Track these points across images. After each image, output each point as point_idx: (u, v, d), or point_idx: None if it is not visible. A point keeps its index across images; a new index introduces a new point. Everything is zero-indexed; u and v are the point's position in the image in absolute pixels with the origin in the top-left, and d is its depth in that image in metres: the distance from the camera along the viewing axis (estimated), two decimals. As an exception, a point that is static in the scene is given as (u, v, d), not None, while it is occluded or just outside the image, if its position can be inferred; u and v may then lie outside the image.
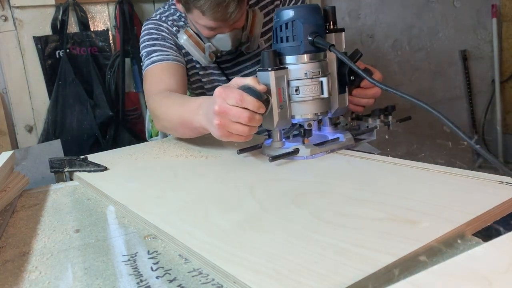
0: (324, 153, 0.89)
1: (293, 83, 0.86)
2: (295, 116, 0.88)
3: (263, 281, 0.44)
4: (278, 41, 0.87)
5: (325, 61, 0.89)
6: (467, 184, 0.65)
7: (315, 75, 0.85)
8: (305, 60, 0.85)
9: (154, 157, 1.03)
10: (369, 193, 0.66)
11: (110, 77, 2.01)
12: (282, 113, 0.85)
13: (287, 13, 0.86)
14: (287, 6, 1.28)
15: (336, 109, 0.95)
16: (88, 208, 0.77)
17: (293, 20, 0.85)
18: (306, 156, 0.87)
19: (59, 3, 1.91)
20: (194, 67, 1.28)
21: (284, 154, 0.86)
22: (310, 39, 0.84)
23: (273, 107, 0.84)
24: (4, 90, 1.88)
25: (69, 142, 1.90)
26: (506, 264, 0.38)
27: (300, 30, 0.84)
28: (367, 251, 0.48)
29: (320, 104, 0.88)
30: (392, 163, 0.78)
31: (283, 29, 0.86)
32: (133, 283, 0.50)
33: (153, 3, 2.12)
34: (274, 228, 0.57)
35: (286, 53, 0.86)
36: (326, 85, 0.86)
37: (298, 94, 0.86)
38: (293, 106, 0.87)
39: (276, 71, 0.83)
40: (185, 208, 0.68)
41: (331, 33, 0.92)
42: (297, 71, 0.85)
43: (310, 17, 0.85)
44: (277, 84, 0.84)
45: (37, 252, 0.61)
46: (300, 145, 0.88)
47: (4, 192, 0.82)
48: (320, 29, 0.86)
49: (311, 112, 0.87)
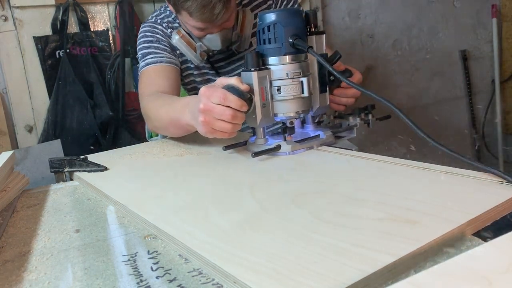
0: (305, 149, 0.94)
1: (275, 83, 0.91)
2: (278, 114, 0.93)
3: (263, 281, 0.45)
4: (261, 43, 0.92)
5: (306, 62, 0.94)
6: (467, 184, 0.65)
7: (296, 75, 0.90)
8: (286, 61, 0.91)
9: (154, 157, 1.03)
10: (369, 193, 0.66)
11: (110, 77, 2.01)
12: (264, 111, 0.90)
13: (270, 17, 0.91)
14: (279, 6, 1.32)
15: (318, 107, 0.99)
16: (88, 208, 0.77)
17: (275, 23, 0.90)
18: (288, 152, 0.91)
19: (59, 3, 1.91)
20: (189, 67, 1.31)
21: (266, 150, 0.90)
22: (290, 41, 0.89)
23: (256, 106, 0.89)
24: (4, 90, 1.88)
25: (69, 142, 1.90)
26: (506, 264, 0.38)
27: (281, 33, 0.90)
28: (367, 251, 0.48)
29: (301, 103, 0.93)
30: (392, 163, 0.78)
31: (265, 31, 0.91)
32: (133, 283, 0.50)
33: (153, 3, 2.11)
34: (274, 228, 0.57)
35: (269, 55, 0.91)
36: (306, 85, 0.91)
37: (280, 93, 0.91)
38: (275, 105, 0.92)
39: (259, 71, 0.89)
40: (185, 208, 0.68)
41: (312, 36, 0.96)
42: (279, 72, 0.91)
43: (291, 21, 0.90)
44: (260, 84, 0.89)
45: (37, 252, 0.61)
46: (282, 142, 0.92)
47: (4, 192, 0.82)
48: (301, 32, 0.91)
49: (292, 110, 0.92)
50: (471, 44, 3.04)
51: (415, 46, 2.87)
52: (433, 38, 2.92)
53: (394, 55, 2.81)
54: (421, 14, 2.86)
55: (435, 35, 2.92)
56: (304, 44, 0.89)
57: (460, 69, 3.04)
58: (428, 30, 2.90)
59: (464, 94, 3.09)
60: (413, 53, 2.88)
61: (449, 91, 3.04)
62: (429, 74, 2.94)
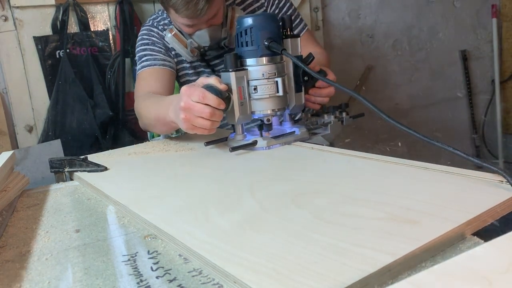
0: (280, 144, 1.00)
1: (252, 83, 0.98)
2: (255, 112, 1.00)
3: (263, 281, 0.45)
4: (239, 45, 1.00)
5: (282, 63, 1.00)
6: (467, 184, 0.65)
7: (271, 75, 0.98)
8: (262, 63, 0.98)
9: (154, 157, 1.03)
10: (369, 192, 0.66)
11: (110, 77, 2.01)
12: (242, 109, 0.97)
13: (247, 21, 0.98)
14: (271, 6, 1.37)
15: (293, 106, 1.06)
16: (88, 208, 0.77)
17: (251, 27, 0.97)
18: (264, 147, 0.98)
19: (59, 3, 1.91)
20: (185, 67, 1.37)
21: (243, 145, 0.97)
22: (266, 44, 0.96)
23: (234, 104, 0.96)
24: (4, 90, 1.88)
25: (69, 142, 1.90)
26: (506, 264, 0.38)
27: (257, 36, 0.97)
28: (367, 250, 0.48)
29: (277, 101, 1.00)
30: (392, 163, 0.78)
31: (243, 35, 0.98)
32: (133, 283, 0.50)
33: (153, 3, 2.11)
34: (274, 228, 0.57)
35: (246, 56, 0.98)
36: (281, 84, 0.98)
37: (256, 92, 0.98)
38: (252, 103, 0.99)
39: (236, 72, 0.95)
40: (185, 208, 0.68)
41: (288, 39, 1.02)
42: (256, 72, 0.97)
43: (267, 25, 0.97)
44: (238, 84, 0.96)
45: (37, 252, 0.61)
46: (258, 138, 0.99)
47: (4, 192, 0.82)
48: (276, 35, 0.98)
49: (269, 108, 0.99)
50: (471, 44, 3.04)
51: (415, 46, 2.87)
52: (433, 38, 2.92)
53: (394, 55, 2.81)
54: (421, 14, 2.86)
55: (435, 35, 2.92)
56: (278, 47, 0.96)
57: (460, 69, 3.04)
58: (428, 30, 2.90)
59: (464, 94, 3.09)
60: (413, 53, 2.88)
61: (449, 91, 3.04)
62: (429, 74, 2.94)
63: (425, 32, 2.89)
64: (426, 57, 2.92)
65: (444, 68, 2.99)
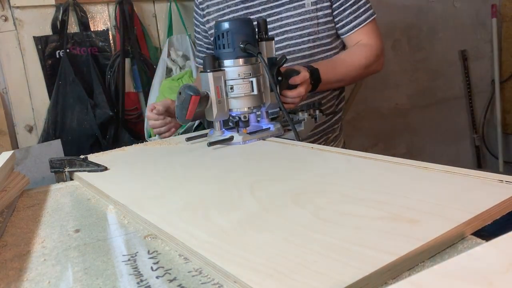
0: (256, 139, 1.07)
1: (229, 82, 1.05)
2: (232, 109, 1.07)
3: (264, 280, 0.44)
4: (217, 47, 1.06)
5: (257, 64, 1.07)
6: (467, 183, 0.65)
7: (246, 76, 1.05)
8: (238, 64, 1.05)
9: (154, 157, 1.03)
10: (369, 192, 0.66)
11: (110, 77, 2.01)
12: (220, 107, 1.04)
13: (224, 25, 1.05)
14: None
15: (269, 104, 1.13)
16: (88, 208, 0.77)
17: (228, 31, 1.04)
18: (240, 142, 1.05)
19: (59, 3, 1.91)
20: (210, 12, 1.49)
21: (220, 141, 1.03)
22: (241, 46, 1.03)
23: (213, 102, 1.03)
24: (4, 90, 1.88)
25: (69, 142, 1.90)
26: (506, 264, 0.38)
27: (233, 39, 1.04)
28: (367, 250, 0.48)
29: (253, 100, 1.07)
30: (392, 162, 0.78)
31: (220, 38, 1.05)
32: (133, 283, 0.50)
33: (153, 3, 2.11)
34: (274, 228, 0.57)
35: (223, 58, 1.05)
36: (255, 84, 1.05)
37: (233, 91, 1.05)
38: (230, 102, 1.06)
39: (214, 72, 1.03)
40: (185, 208, 0.68)
41: (263, 42, 1.10)
42: (232, 73, 1.05)
43: (242, 29, 1.05)
44: (215, 83, 1.03)
45: (37, 252, 0.61)
46: (235, 133, 1.06)
47: (4, 192, 0.82)
48: (251, 38, 1.05)
49: (245, 106, 1.07)
50: (471, 44, 3.05)
51: (415, 46, 2.87)
52: (433, 38, 2.92)
53: (394, 55, 2.81)
54: (421, 14, 2.86)
55: (435, 35, 2.92)
56: (253, 49, 1.03)
57: (460, 69, 3.04)
58: (428, 30, 2.90)
59: (464, 94, 3.09)
60: (413, 53, 2.88)
61: (449, 91, 3.04)
62: (429, 74, 2.94)
63: (425, 32, 2.89)
64: (426, 57, 2.92)
65: (444, 68, 2.99)
